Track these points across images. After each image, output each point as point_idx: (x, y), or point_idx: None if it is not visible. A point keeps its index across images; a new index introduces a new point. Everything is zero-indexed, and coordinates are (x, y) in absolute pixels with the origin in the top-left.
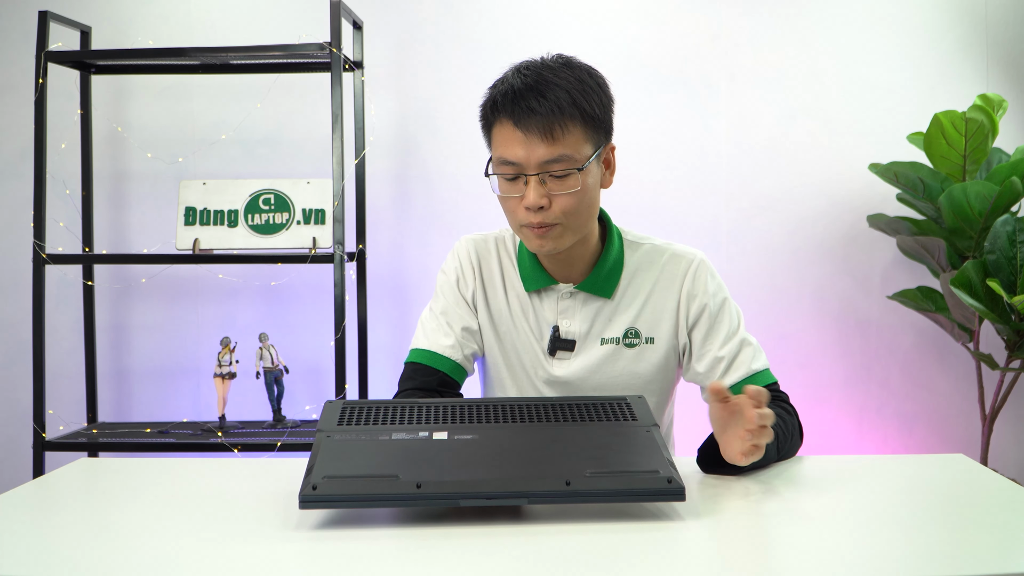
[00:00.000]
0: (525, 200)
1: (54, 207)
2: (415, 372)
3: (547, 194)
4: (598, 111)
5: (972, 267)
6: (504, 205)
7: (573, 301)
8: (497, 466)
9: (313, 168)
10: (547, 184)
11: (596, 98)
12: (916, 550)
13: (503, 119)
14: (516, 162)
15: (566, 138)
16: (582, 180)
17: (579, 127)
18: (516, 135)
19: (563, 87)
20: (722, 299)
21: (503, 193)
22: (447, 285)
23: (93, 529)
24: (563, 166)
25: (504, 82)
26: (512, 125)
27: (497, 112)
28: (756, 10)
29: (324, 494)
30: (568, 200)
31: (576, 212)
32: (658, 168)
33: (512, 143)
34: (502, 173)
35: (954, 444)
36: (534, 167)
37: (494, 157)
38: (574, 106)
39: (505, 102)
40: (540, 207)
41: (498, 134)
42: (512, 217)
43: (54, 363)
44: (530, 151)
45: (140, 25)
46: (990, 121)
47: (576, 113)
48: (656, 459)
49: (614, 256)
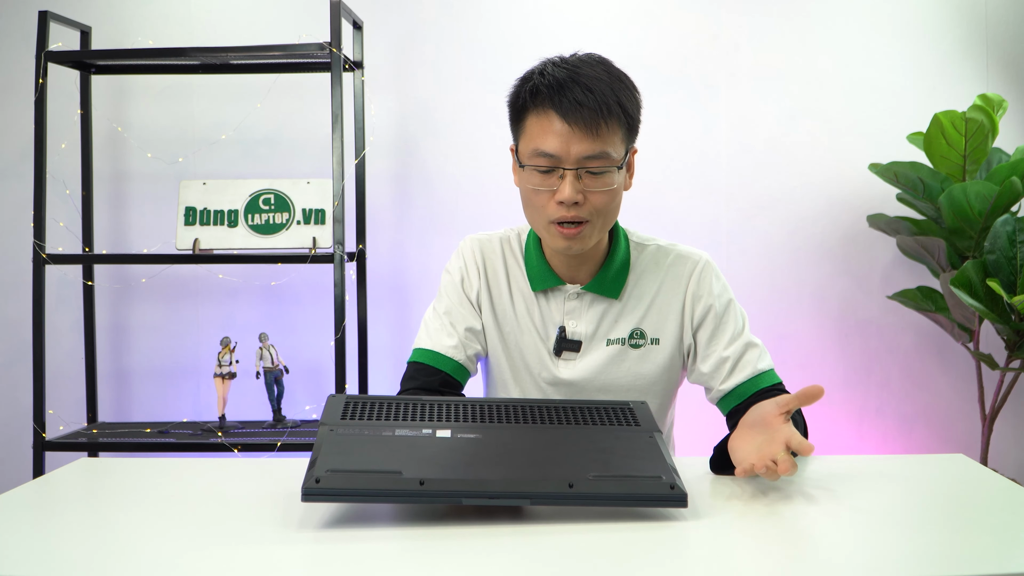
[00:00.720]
0: (560, 194)
1: (54, 207)
2: (417, 372)
3: (582, 190)
4: (634, 112)
5: (972, 267)
6: (532, 199)
7: (580, 302)
8: (500, 466)
9: (313, 168)
10: (583, 180)
11: (633, 100)
12: (916, 550)
13: (546, 110)
14: (555, 154)
15: (608, 135)
16: (617, 178)
17: (619, 126)
18: (558, 127)
19: (607, 84)
20: (727, 300)
21: (535, 186)
22: (451, 285)
23: (93, 529)
24: (602, 163)
25: (544, 74)
26: (556, 116)
27: (539, 102)
28: (756, 10)
29: (327, 487)
30: (601, 198)
31: (606, 212)
32: (658, 168)
33: (551, 135)
34: (537, 165)
35: (954, 444)
36: (573, 161)
37: (527, 149)
38: (618, 104)
39: (551, 92)
40: (575, 203)
41: (535, 124)
42: (539, 212)
43: (54, 363)
44: (571, 144)
45: (140, 25)
46: (990, 121)
47: (620, 111)
48: (659, 465)
49: (621, 257)
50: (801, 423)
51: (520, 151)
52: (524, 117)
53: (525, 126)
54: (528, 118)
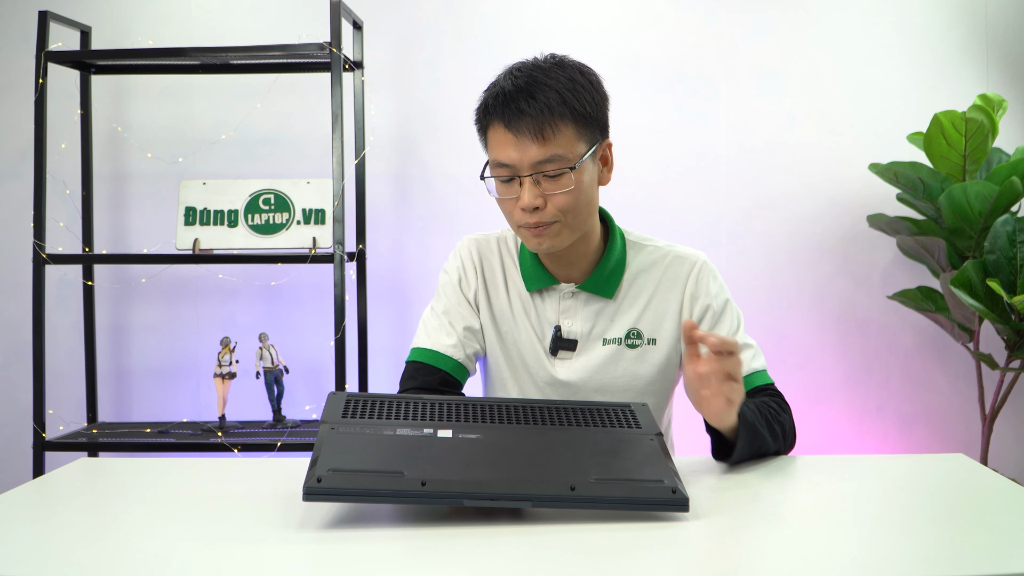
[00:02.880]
0: (520, 201)
1: (54, 207)
2: (416, 371)
3: (542, 194)
4: (590, 109)
5: (972, 267)
6: (501, 207)
7: (575, 301)
8: (502, 467)
9: (313, 168)
10: (541, 184)
11: (588, 96)
12: (916, 550)
13: (495, 122)
14: (509, 164)
15: (557, 138)
16: (576, 179)
17: (570, 126)
18: (508, 137)
19: (553, 87)
20: (724, 300)
21: (499, 195)
22: (449, 285)
23: (93, 529)
24: (556, 166)
25: (496, 85)
26: (503, 127)
27: (489, 115)
28: (756, 10)
29: (328, 487)
30: (563, 199)
31: (573, 210)
32: (658, 168)
33: (505, 145)
34: (497, 175)
35: (954, 444)
36: (527, 168)
37: (490, 160)
38: (564, 105)
39: (496, 105)
40: (535, 208)
41: (492, 137)
42: (509, 218)
43: (54, 363)
44: (522, 152)
45: (140, 25)
46: (990, 121)
47: (567, 112)
48: (661, 468)
49: (616, 256)
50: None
51: (488, 163)
52: (485, 130)
53: (487, 139)
54: (488, 131)
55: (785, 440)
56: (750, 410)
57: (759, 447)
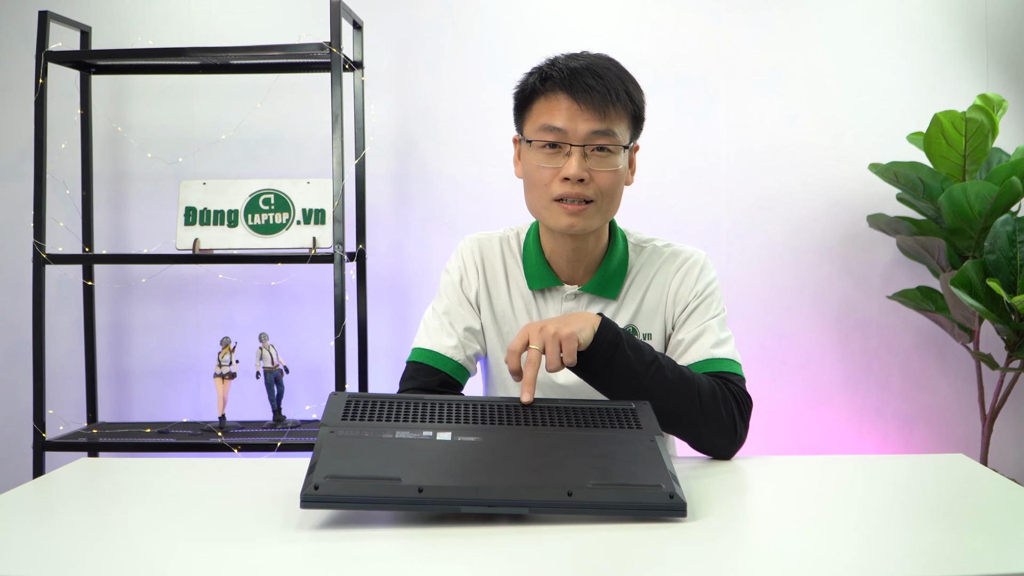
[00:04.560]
0: (566, 170)
1: (54, 207)
2: (417, 371)
3: (588, 169)
4: (639, 109)
5: (972, 267)
6: (535, 177)
7: (577, 303)
8: (500, 472)
9: (313, 168)
10: (588, 159)
11: (639, 94)
12: (916, 550)
13: (556, 91)
14: (563, 128)
15: (616, 118)
16: (621, 160)
17: (625, 114)
18: (570, 104)
19: (616, 75)
20: (707, 294)
21: (540, 163)
22: (450, 285)
23: (93, 529)
24: (608, 141)
25: (555, 63)
26: (566, 96)
27: (549, 86)
28: (756, 11)
29: (326, 494)
30: (606, 178)
31: (611, 193)
32: (659, 168)
33: (560, 111)
34: (543, 139)
35: (954, 444)
36: (580, 138)
37: (535, 126)
38: (626, 94)
39: (562, 77)
40: (580, 180)
41: (544, 105)
42: (542, 191)
43: (54, 363)
44: (579, 122)
45: (140, 25)
46: (990, 121)
47: (627, 100)
48: (659, 472)
49: (619, 257)
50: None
51: (526, 132)
52: (532, 102)
53: (532, 109)
54: (537, 101)
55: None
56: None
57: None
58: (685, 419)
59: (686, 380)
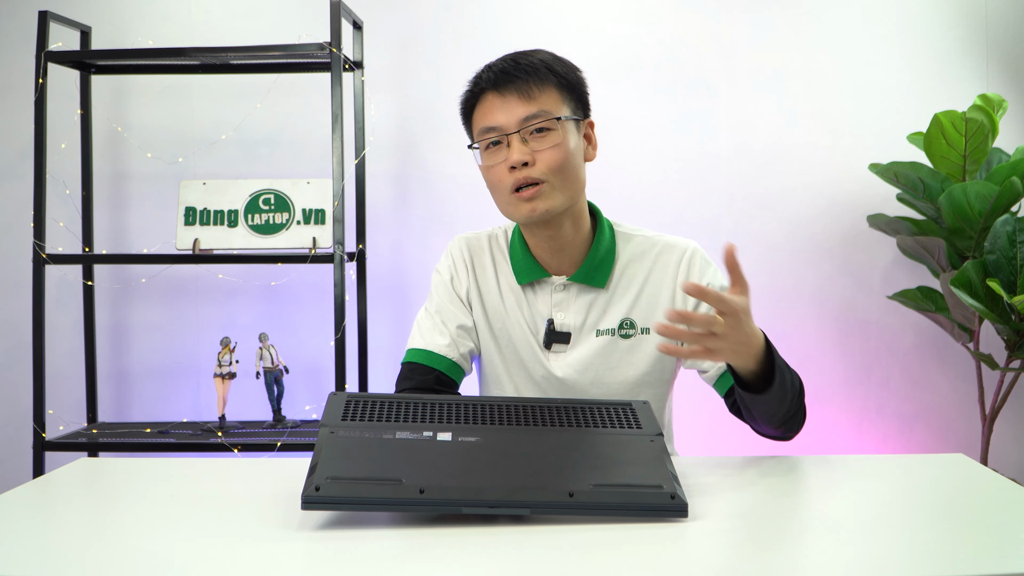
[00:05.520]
0: (509, 159)
1: (54, 207)
2: (412, 372)
3: (530, 152)
4: (572, 80)
5: (972, 267)
6: (490, 177)
7: (567, 293)
8: (500, 473)
9: (313, 168)
10: (529, 143)
11: (569, 69)
12: (916, 550)
13: (484, 93)
14: (496, 126)
15: (543, 96)
16: (562, 135)
17: (554, 89)
18: (496, 101)
19: (537, 57)
20: (718, 286)
21: (487, 163)
22: (441, 284)
23: (93, 529)
24: (542, 120)
25: (487, 69)
26: (493, 93)
27: (479, 88)
28: (756, 10)
29: (326, 496)
30: (551, 155)
31: (560, 170)
32: (658, 168)
33: (492, 110)
34: (485, 139)
35: (954, 444)
36: (514, 125)
37: (476, 132)
38: (549, 71)
39: (487, 79)
40: (524, 163)
41: (479, 110)
42: (500, 188)
43: (54, 363)
44: (509, 112)
45: (140, 25)
46: (990, 121)
47: (551, 76)
48: (660, 472)
49: (605, 245)
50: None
51: (473, 138)
52: (472, 112)
53: (473, 118)
54: (475, 109)
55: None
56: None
57: (786, 379)
58: (793, 411)
59: (792, 373)
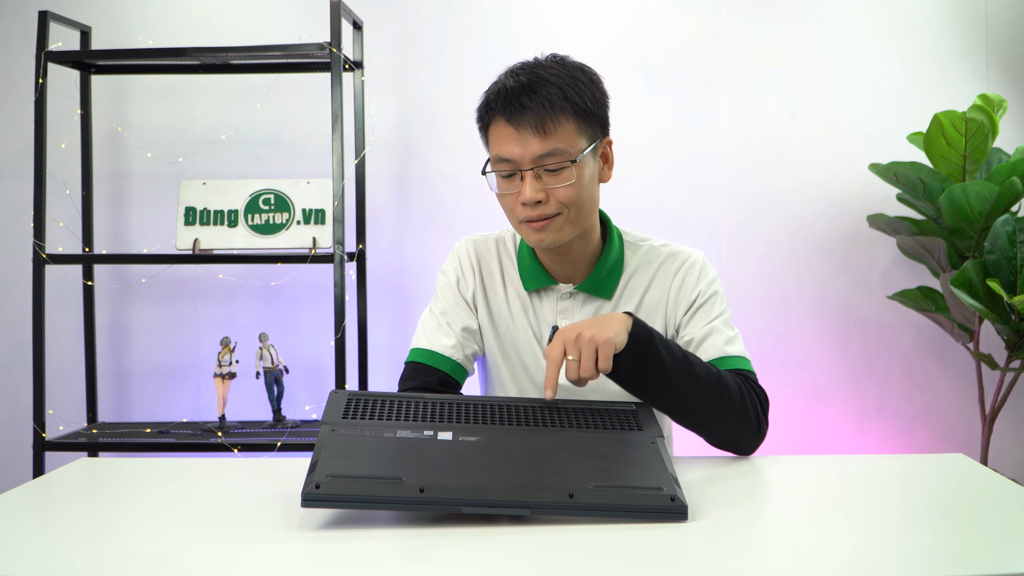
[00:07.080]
0: (522, 196)
1: (54, 207)
2: (415, 371)
3: (543, 188)
4: (590, 105)
5: (972, 267)
6: (502, 202)
7: (573, 302)
8: (501, 473)
9: (313, 168)
10: (543, 179)
11: (588, 92)
12: (916, 550)
13: (497, 118)
14: (511, 159)
15: (559, 132)
16: (577, 173)
17: (571, 121)
18: (510, 132)
19: (554, 83)
20: (710, 294)
21: (501, 191)
22: (447, 286)
23: (93, 529)
24: (557, 160)
25: (497, 83)
26: (505, 122)
27: (491, 112)
28: (756, 10)
29: (326, 493)
30: (565, 193)
31: (575, 204)
32: (658, 168)
33: (506, 140)
34: (498, 171)
35: (954, 444)
36: (528, 162)
37: (491, 156)
38: (565, 100)
39: (498, 101)
40: (537, 202)
41: (493, 133)
42: (511, 214)
43: (54, 363)
44: (524, 147)
45: (140, 25)
46: (990, 121)
47: (568, 107)
48: (660, 475)
49: (614, 257)
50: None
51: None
52: (487, 128)
53: (489, 136)
54: (489, 128)
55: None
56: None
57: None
58: (715, 416)
59: (715, 376)
